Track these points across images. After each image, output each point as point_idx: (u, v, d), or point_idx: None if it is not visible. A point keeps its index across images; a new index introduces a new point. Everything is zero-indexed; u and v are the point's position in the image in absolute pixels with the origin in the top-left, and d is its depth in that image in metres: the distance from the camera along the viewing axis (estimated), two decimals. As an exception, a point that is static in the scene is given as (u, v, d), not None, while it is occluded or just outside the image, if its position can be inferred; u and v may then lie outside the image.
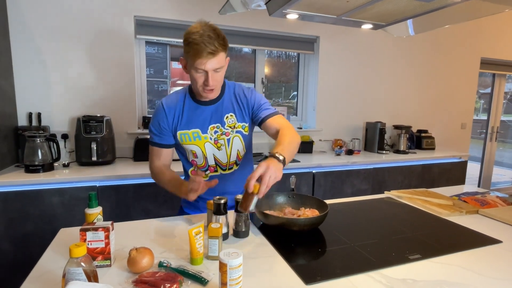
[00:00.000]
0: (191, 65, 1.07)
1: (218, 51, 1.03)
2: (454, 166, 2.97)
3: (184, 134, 1.19)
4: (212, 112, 1.19)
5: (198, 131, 1.19)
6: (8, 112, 1.97)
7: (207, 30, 1.03)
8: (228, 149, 1.22)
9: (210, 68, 1.05)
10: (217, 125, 1.20)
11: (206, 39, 1.01)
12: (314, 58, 2.98)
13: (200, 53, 1.02)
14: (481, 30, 3.62)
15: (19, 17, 2.04)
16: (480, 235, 1.07)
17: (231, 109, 1.21)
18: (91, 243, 0.80)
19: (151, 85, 2.68)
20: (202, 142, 1.19)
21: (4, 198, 1.65)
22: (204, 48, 1.01)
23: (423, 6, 1.18)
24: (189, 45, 1.03)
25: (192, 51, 1.03)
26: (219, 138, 1.20)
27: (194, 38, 1.02)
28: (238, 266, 0.69)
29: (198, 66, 1.04)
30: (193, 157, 1.23)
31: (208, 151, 1.21)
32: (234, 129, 1.22)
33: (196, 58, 1.03)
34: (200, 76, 1.08)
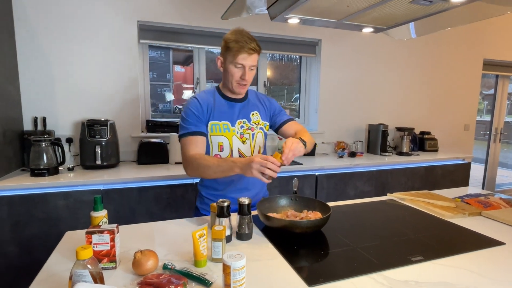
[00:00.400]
0: (230, 61, 1.22)
1: (256, 51, 1.21)
2: (457, 168, 2.96)
3: (215, 125, 1.27)
4: (240, 108, 1.32)
5: (228, 123, 1.28)
6: (14, 116, 2.00)
7: (246, 33, 1.23)
8: (252, 143, 1.33)
9: (248, 64, 1.21)
10: (243, 120, 1.31)
11: (246, 39, 1.20)
12: (316, 60, 2.99)
13: (242, 48, 1.18)
14: (483, 31, 3.62)
15: (25, 23, 2.07)
16: (483, 237, 1.07)
17: (256, 107, 1.36)
18: (97, 245, 0.81)
19: (154, 88, 2.70)
20: (230, 135, 1.28)
21: (10, 202, 1.67)
22: (246, 45, 1.18)
23: (424, 9, 1.19)
24: (233, 42, 1.19)
25: (235, 47, 1.19)
26: (245, 132, 1.31)
27: (237, 37, 1.20)
28: (241, 268, 0.70)
29: (239, 61, 1.20)
30: (218, 150, 1.28)
31: (234, 144, 1.29)
32: (258, 126, 1.35)
33: (238, 53, 1.19)
34: (238, 71, 1.22)
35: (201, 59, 2.68)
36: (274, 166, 1.04)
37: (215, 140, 1.27)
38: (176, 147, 2.29)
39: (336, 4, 1.15)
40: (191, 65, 2.74)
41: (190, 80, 2.86)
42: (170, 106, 2.90)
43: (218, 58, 1.28)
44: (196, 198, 2.01)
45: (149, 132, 2.43)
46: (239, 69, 1.22)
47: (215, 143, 1.27)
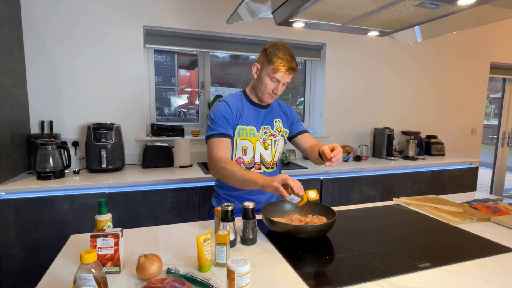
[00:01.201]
0: (267, 73, 1.25)
1: (294, 70, 1.26)
2: (464, 172, 2.92)
3: (242, 129, 1.30)
4: (264, 114, 1.37)
5: (254, 128, 1.33)
6: (21, 120, 2.02)
7: (288, 49, 1.25)
8: (274, 149, 1.37)
9: (285, 80, 1.26)
10: (267, 127, 1.36)
11: (289, 57, 1.23)
12: (320, 64, 2.99)
13: (283, 67, 1.22)
14: (490, 34, 3.59)
15: (33, 28, 2.11)
16: (492, 243, 1.05)
17: (278, 115, 1.41)
18: (101, 249, 0.81)
19: (159, 92, 2.72)
20: (255, 140, 1.32)
21: (16, 205, 1.68)
22: (288, 64, 1.22)
23: (430, 13, 1.18)
24: (275, 57, 1.22)
25: (277, 63, 1.22)
26: (267, 138, 1.35)
27: (281, 53, 1.22)
28: (246, 274, 0.69)
29: (277, 77, 1.24)
30: (242, 154, 1.31)
31: (257, 149, 1.33)
32: (280, 133, 1.40)
33: (278, 71, 1.23)
34: (272, 84, 1.26)
35: (205, 63, 2.69)
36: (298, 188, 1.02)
37: (240, 143, 1.30)
38: (181, 151, 2.29)
39: (341, 8, 1.15)
40: (196, 69, 2.75)
41: (195, 84, 2.88)
42: (175, 110, 2.91)
43: (255, 65, 1.31)
44: (200, 201, 2.01)
45: (154, 136, 2.44)
46: (274, 83, 1.26)
47: (239, 146, 1.30)
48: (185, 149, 2.31)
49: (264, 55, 1.26)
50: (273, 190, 1.05)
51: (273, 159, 1.37)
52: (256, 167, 1.34)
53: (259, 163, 1.34)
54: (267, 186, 1.05)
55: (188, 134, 2.61)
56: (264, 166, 1.36)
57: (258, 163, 1.34)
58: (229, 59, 2.96)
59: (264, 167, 1.36)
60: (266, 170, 1.37)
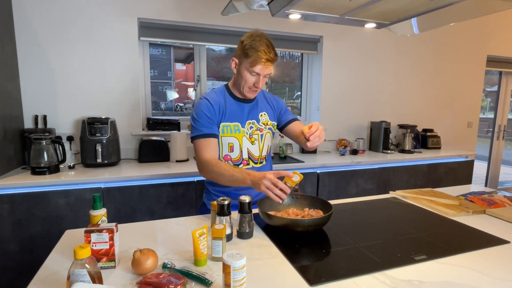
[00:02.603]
0: (246, 68, 1.20)
1: (274, 60, 1.20)
2: (460, 165, 2.94)
3: (226, 126, 1.27)
4: (249, 109, 1.32)
5: (238, 124, 1.29)
6: (14, 114, 1.99)
7: (265, 39, 1.18)
8: (260, 143, 1.33)
9: (264, 73, 1.20)
10: (253, 121, 1.32)
11: (265, 48, 1.16)
12: (317, 58, 2.97)
13: (261, 59, 1.16)
14: (487, 27, 3.58)
15: (24, 21, 2.06)
16: (487, 235, 1.06)
17: (264, 108, 1.36)
18: (96, 244, 0.80)
19: (155, 86, 2.69)
20: (241, 135, 1.29)
21: (11, 200, 1.67)
22: (265, 55, 1.16)
23: (427, 4, 1.17)
24: (251, 50, 1.16)
25: (253, 56, 1.16)
26: (254, 133, 1.32)
27: (256, 45, 1.16)
28: (242, 268, 0.69)
29: (256, 70, 1.18)
30: (229, 151, 1.29)
31: (244, 145, 1.30)
32: (267, 126, 1.36)
33: (256, 63, 1.17)
34: (252, 78, 1.22)
35: (201, 57, 2.66)
36: (281, 193, 1.03)
37: (226, 141, 1.27)
38: (177, 145, 2.28)
39: (338, -1, 1.13)
40: (192, 62, 2.72)
41: (191, 78, 2.85)
42: (171, 104, 2.89)
43: (233, 60, 1.26)
44: (196, 195, 2.00)
45: (150, 130, 2.42)
46: (254, 76, 1.21)
47: (225, 144, 1.28)
48: (181, 143, 2.29)
49: (241, 48, 1.20)
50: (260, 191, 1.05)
51: (261, 153, 1.34)
52: (244, 163, 1.31)
53: (247, 158, 1.31)
54: (256, 187, 1.06)
55: (184, 128, 2.59)
56: (253, 162, 1.33)
57: (246, 159, 1.31)
58: (225, 53, 2.93)
59: (253, 162, 1.33)
60: (255, 165, 1.34)
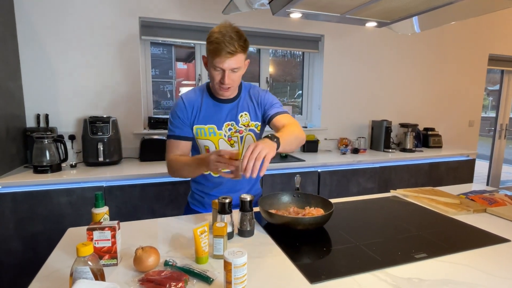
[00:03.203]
0: (210, 63, 1.13)
1: (237, 52, 1.09)
2: (461, 164, 2.94)
3: (200, 129, 1.22)
4: (228, 110, 1.24)
5: (214, 127, 1.23)
6: (16, 113, 2.00)
7: (230, 31, 1.09)
8: (240, 146, 1.26)
9: (227, 67, 1.10)
10: (231, 123, 1.24)
11: (227, 39, 1.07)
12: (319, 56, 2.97)
13: (219, 52, 1.07)
14: (489, 26, 3.57)
15: (26, 20, 2.07)
16: (488, 234, 1.06)
17: (246, 108, 1.26)
18: (98, 242, 0.81)
19: (156, 85, 2.70)
20: (217, 138, 1.23)
21: (13, 198, 1.68)
22: (224, 48, 1.06)
23: (428, 2, 1.16)
24: (211, 43, 1.09)
25: (213, 49, 1.08)
26: (233, 135, 1.25)
27: (216, 37, 1.08)
28: (243, 265, 0.69)
29: (217, 65, 1.10)
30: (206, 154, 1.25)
31: (221, 148, 1.24)
32: (248, 127, 1.27)
33: (215, 56, 1.09)
34: (218, 74, 1.13)
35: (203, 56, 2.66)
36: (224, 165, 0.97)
37: (202, 143, 1.24)
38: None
39: (339, -2, 1.13)
40: (193, 61, 2.73)
41: (192, 77, 2.85)
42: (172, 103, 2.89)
43: (204, 57, 1.19)
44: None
45: (151, 129, 2.43)
46: (219, 72, 1.13)
47: (202, 146, 1.25)
48: (182, 142, 2.30)
49: (206, 43, 1.13)
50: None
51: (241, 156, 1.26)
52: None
53: None
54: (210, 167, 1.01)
55: (185, 127, 2.59)
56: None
57: None
58: (227, 51, 2.92)
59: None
60: None
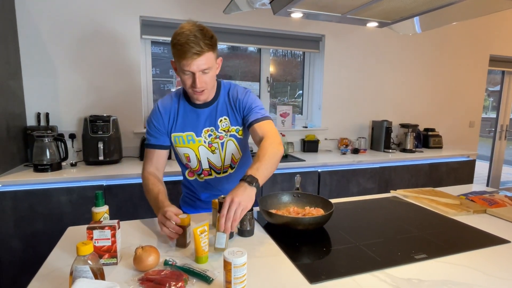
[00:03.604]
0: (179, 67, 1.04)
1: (204, 52, 1.00)
2: (462, 165, 2.93)
3: (178, 137, 1.17)
4: (206, 116, 1.17)
5: (192, 134, 1.17)
6: (17, 112, 2.00)
7: (193, 30, 1.00)
8: (222, 152, 1.20)
9: (196, 69, 1.01)
10: (211, 129, 1.17)
11: (191, 39, 0.98)
12: (319, 56, 2.97)
13: (184, 54, 0.98)
14: (490, 26, 3.56)
15: (27, 19, 2.07)
16: (488, 235, 1.06)
17: (225, 112, 1.18)
18: (98, 241, 0.81)
19: (157, 84, 2.70)
20: (196, 146, 1.18)
21: (13, 197, 1.68)
22: (189, 49, 0.98)
23: (430, 3, 1.16)
24: (175, 46, 1.01)
25: (177, 52, 1.00)
26: (213, 141, 1.18)
27: (178, 39, 0.99)
28: (243, 265, 0.69)
29: (184, 68, 1.01)
30: (186, 161, 1.21)
31: (202, 155, 1.19)
32: (228, 133, 1.19)
33: (181, 59, 1.00)
34: (188, 78, 1.04)
35: (203, 55, 2.66)
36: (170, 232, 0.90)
37: (181, 151, 1.19)
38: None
39: (340, -2, 1.13)
40: (194, 61, 2.72)
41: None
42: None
43: (172, 62, 1.08)
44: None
45: (152, 128, 2.43)
46: (189, 76, 1.04)
47: (181, 154, 1.20)
48: (183, 141, 2.30)
49: (171, 46, 1.04)
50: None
51: (223, 163, 1.21)
52: (206, 173, 1.23)
53: (208, 169, 1.22)
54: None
55: (186, 126, 2.59)
56: (215, 172, 1.23)
57: (207, 169, 1.22)
58: (228, 51, 2.93)
59: (215, 172, 1.23)
60: (218, 175, 1.24)
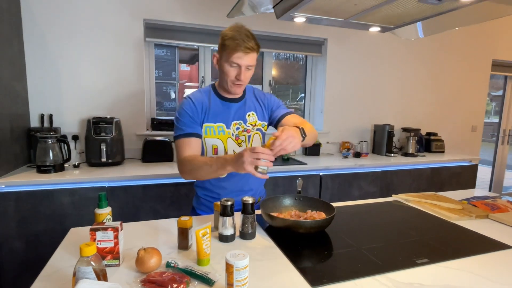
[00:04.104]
0: (226, 60, 1.16)
1: (254, 50, 1.15)
2: (464, 169, 2.93)
3: (209, 127, 1.23)
4: (236, 109, 1.27)
5: (223, 125, 1.24)
6: (21, 113, 2.02)
7: (244, 30, 1.15)
8: (248, 145, 1.28)
9: (244, 63, 1.15)
10: (239, 122, 1.27)
11: (243, 36, 1.13)
12: (321, 60, 2.98)
13: (238, 47, 1.12)
14: (492, 31, 3.57)
15: (32, 21, 2.09)
16: (490, 240, 1.05)
17: (252, 108, 1.30)
18: (101, 242, 0.81)
19: (159, 87, 2.71)
20: (225, 137, 1.25)
21: (17, 198, 1.69)
22: (243, 44, 1.12)
23: (432, 8, 1.17)
24: (228, 40, 1.13)
25: (231, 45, 1.12)
26: (240, 134, 1.27)
27: (233, 34, 1.13)
28: (244, 268, 0.69)
29: (234, 60, 1.14)
30: (213, 153, 1.25)
31: (229, 147, 1.25)
32: (255, 127, 1.29)
33: (234, 52, 1.12)
34: (233, 70, 1.17)
35: (206, 58, 2.68)
36: (266, 156, 0.96)
37: (210, 142, 1.24)
38: (181, 146, 2.29)
39: (343, 3, 1.14)
40: (197, 63, 2.74)
41: (195, 79, 2.87)
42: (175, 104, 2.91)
43: (215, 56, 1.22)
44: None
45: (154, 130, 2.44)
46: (235, 68, 1.16)
47: (209, 145, 1.24)
48: (185, 143, 2.30)
49: (220, 41, 1.18)
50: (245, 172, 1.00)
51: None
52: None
53: None
54: (239, 167, 1.00)
55: (188, 128, 2.60)
56: None
57: None
58: (230, 54, 2.94)
59: None
60: None
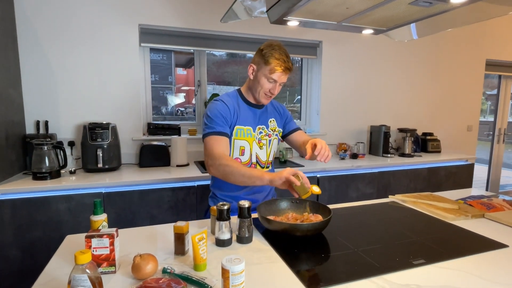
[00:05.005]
0: (264, 74, 1.25)
1: (291, 70, 1.27)
2: (460, 169, 2.94)
3: (240, 129, 1.31)
4: (259, 114, 1.37)
5: (250, 128, 1.33)
6: (16, 120, 2.01)
7: (284, 49, 1.25)
8: (268, 148, 1.38)
9: (281, 81, 1.27)
10: (262, 127, 1.37)
11: (285, 57, 1.24)
12: (317, 62, 2.99)
13: (280, 67, 1.23)
14: (486, 31, 3.60)
15: (27, 27, 2.09)
16: (486, 240, 1.06)
17: (273, 115, 1.43)
18: (96, 249, 0.81)
19: (155, 91, 2.71)
20: (251, 140, 1.33)
21: (12, 205, 1.68)
22: (284, 64, 1.23)
23: (424, 10, 1.18)
24: (271, 58, 1.23)
25: (274, 63, 1.23)
26: (263, 138, 1.36)
27: (279, 54, 1.23)
28: (241, 272, 0.69)
29: (273, 77, 1.24)
30: (239, 154, 1.32)
31: (253, 149, 1.34)
32: (274, 132, 1.41)
33: (275, 70, 1.23)
34: (269, 85, 1.27)
35: (202, 62, 2.68)
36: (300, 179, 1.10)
37: (238, 144, 1.31)
38: (177, 150, 2.29)
39: (335, 6, 1.15)
40: (193, 67, 2.74)
41: (192, 83, 2.87)
42: (172, 109, 2.91)
43: (251, 66, 1.30)
44: (197, 200, 2.01)
45: (151, 135, 2.44)
46: (271, 83, 1.27)
47: (237, 147, 1.31)
48: (181, 148, 2.31)
49: (260, 55, 1.26)
50: (282, 182, 1.11)
51: (268, 158, 1.39)
52: (253, 167, 1.35)
53: (255, 162, 1.36)
54: (276, 179, 1.11)
55: (184, 133, 2.60)
56: (260, 166, 1.37)
57: (254, 163, 1.35)
58: (226, 58, 2.95)
59: (260, 166, 1.37)
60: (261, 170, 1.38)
